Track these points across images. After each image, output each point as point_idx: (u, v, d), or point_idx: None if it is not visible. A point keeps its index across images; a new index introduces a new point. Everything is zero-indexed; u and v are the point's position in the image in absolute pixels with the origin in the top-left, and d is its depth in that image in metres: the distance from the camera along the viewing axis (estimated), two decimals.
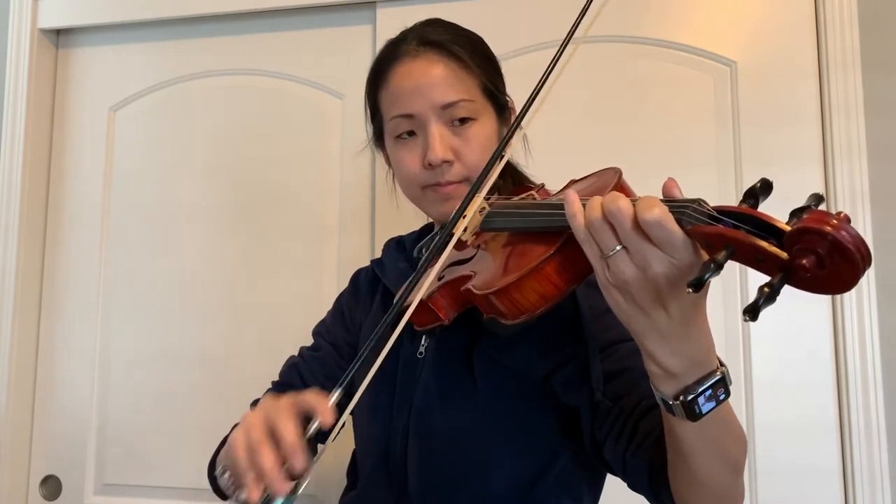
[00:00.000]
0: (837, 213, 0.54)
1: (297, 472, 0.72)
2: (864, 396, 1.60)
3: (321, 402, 0.74)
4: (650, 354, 0.71)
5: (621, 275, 0.67)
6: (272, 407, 0.76)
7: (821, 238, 0.54)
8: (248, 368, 1.92)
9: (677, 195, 0.69)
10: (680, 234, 0.63)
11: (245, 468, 0.73)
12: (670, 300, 0.66)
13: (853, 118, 1.65)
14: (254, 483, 0.71)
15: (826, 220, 0.54)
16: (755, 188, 0.63)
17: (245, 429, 0.75)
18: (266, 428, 0.74)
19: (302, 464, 0.71)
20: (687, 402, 0.70)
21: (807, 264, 0.54)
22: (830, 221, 0.54)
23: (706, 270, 0.57)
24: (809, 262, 0.54)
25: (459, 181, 1.05)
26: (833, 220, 0.54)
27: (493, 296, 0.81)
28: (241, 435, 0.75)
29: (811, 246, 0.54)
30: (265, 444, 0.72)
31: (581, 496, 1.05)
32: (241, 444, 0.74)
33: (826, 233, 0.53)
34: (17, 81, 2.07)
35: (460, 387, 1.02)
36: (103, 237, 2.07)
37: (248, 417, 0.77)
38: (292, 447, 0.71)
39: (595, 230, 0.68)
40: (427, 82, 1.05)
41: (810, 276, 0.55)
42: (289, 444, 0.71)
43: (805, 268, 0.54)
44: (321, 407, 0.73)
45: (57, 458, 2.03)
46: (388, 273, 1.21)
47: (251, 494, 0.72)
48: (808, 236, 0.54)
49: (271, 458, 0.71)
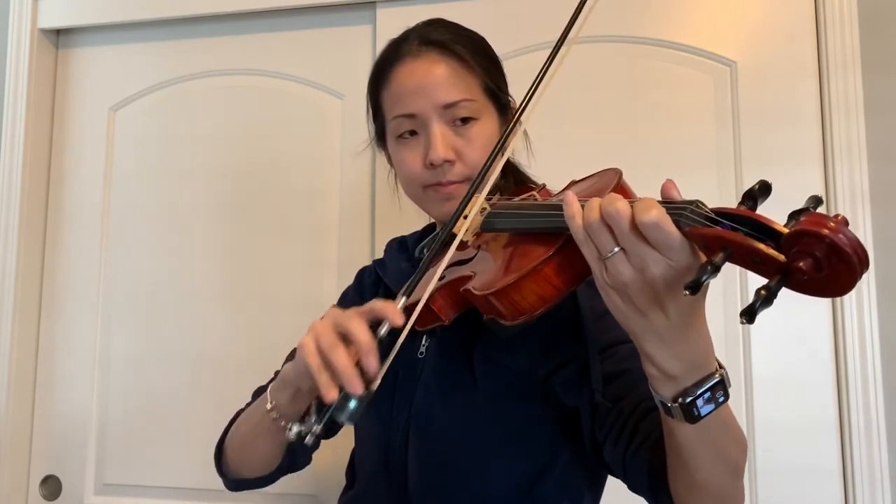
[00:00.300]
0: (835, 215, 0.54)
1: (370, 372, 0.74)
2: (864, 396, 1.60)
3: (389, 306, 0.77)
4: (648, 356, 0.71)
5: (619, 276, 0.67)
6: (339, 314, 0.79)
7: (818, 241, 0.53)
8: (248, 368, 1.91)
9: (676, 196, 0.69)
10: (677, 236, 0.63)
11: (318, 370, 0.75)
12: (668, 302, 0.66)
13: (853, 118, 1.65)
14: (329, 383, 0.74)
15: (824, 222, 0.54)
16: (754, 190, 0.63)
17: (314, 334, 0.78)
18: (336, 332, 0.77)
19: (375, 364, 0.73)
20: (685, 404, 0.70)
21: (804, 267, 0.54)
22: (828, 224, 0.53)
23: (703, 272, 0.57)
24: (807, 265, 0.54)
25: (461, 181, 1.05)
26: (831, 222, 0.54)
27: (492, 297, 0.81)
28: (310, 340, 0.78)
29: (808, 249, 0.54)
30: (338, 345, 0.75)
31: (581, 497, 1.05)
32: (311, 348, 0.77)
33: (823, 236, 0.53)
34: (17, 81, 2.07)
35: (460, 387, 1.02)
36: (103, 237, 2.07)
37: (315, 325, 0.80)
38: (366, 347, 0.74)
39: (593, 231, 0.68)
40: (429, 82, 1.05)
41: (807, 279, 0.55)
42: (363, 344, 0.74)
43: (802, 271, 0.54)
44: (390, 309, 0.76)
45: (57, 458, 2.03)
46: (389, 273, 1.22)
47: (328, 393, 0.74)
48: (805, 239, 0.54)
49: (346, 356, 0.74)
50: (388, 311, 0.77)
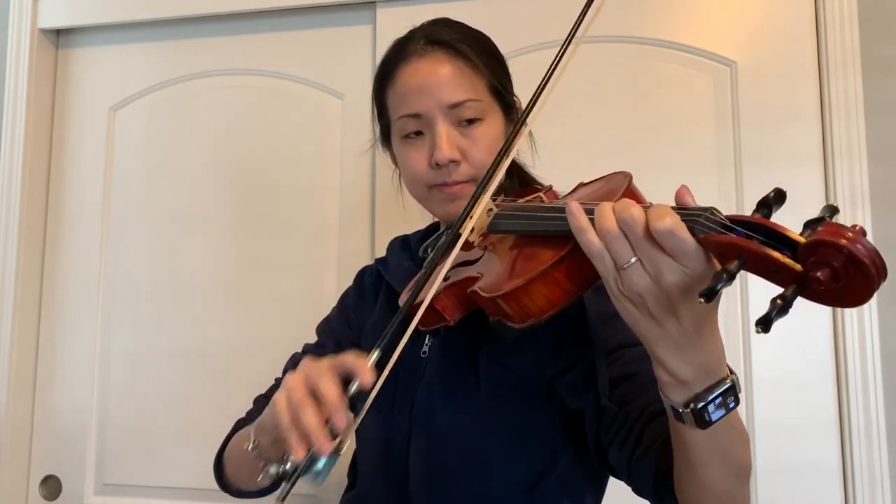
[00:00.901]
0: (853, 226, 0.54)
1: (339, 430, 0.73)
2: (864, 396, 1.60)
3: (360, 363, 0.76)
4: (661, 362, 0.71)
5: (635, 286, 0.66)
6: (312, 368, 0.78)
7: (836, 251, 0.53)
8: (249, 368, 1.92)
9: (690, 203, 0.68)
10: (692, 243, 0.62)
11: (288, 427, 0.74)
12: (682, 309, 0.66)
13: (853, 118, 1.66)
14: (298, 442, 0.73)
15: (842, 233, 0.53)
16: (769, 198, 0.62)
17: (287, 390, 0.77)
18: (307, 388, 0.76)
19: (344, 422, 0.73)
20: (697, 409, 0.70)
21: (821, 277, 0.54)
22: (846, 234, 0.53)
23: (718, 280, 0.57)
24: (824, 276, 0.54)
25: (466, 181, 1.05)
26: (849, 233, 0.53)
27: (500, 299, 0.80)
28: (282, 397, 0.77)
29: (826, 259, 0.54)
30: (308, 404, 0.74)
31: (582, 497, 1.05)
32: (283, 405, 0.76)
33: (842, 246, 0.53)
34: (17, 81, 2.07)
35: (463, 387, 1.02)
36: (103, 237, 2.06)
37: (288, 380, 0.79)
38: (335, 405, 0.73)
39: (610, 242, 0.67)
40: (434, 82, 1.04)
41: (824, 290, 0.54)
42: (332, 403, 0.73)
43: (820, 281, 0.54)
44: (361, 367, 0.76)
45: (57, 458, 2.03)
46: (392, 271, 1.21)
47: (297, 453, 0.73)
48: (823, 249, 0.54)
49: (315, 416, 0.73)
50: (358, 369, 0.76)
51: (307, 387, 0.76)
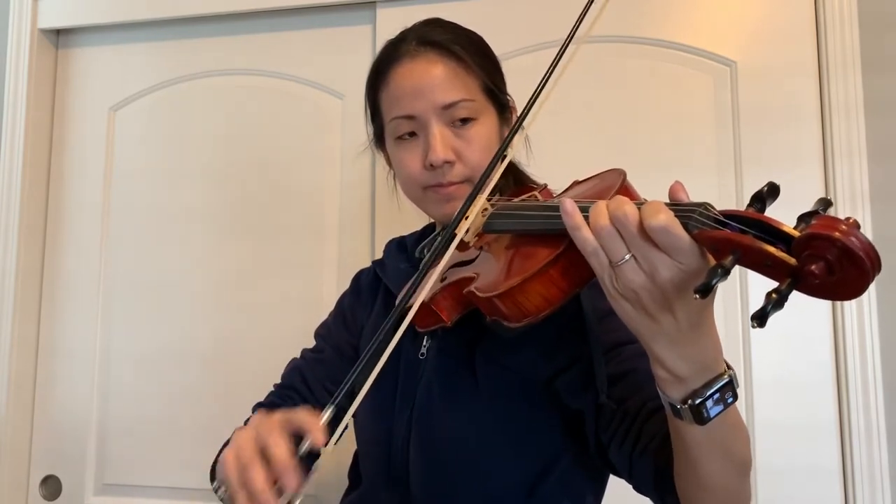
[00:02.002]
0: (846, 218, 0.54)
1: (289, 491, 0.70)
2: (864, 396, 1.60)
3: (313, 422, 0.72)
4: (658, 359, 0.71)
5: (630, 283, 0.66)
6: (262, 424, 0.75)
7: (830, 244, 0.53)
8: (248, 368, 1.92)
9: (683, 199, 0.68)
10: (686, 239, 0.62)
11: (236, 488, 0.72)
12: (678, 305, 0.66)
13: (853, 118, 1.65)
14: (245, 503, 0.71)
15: (836, 225, 0.53)
16: (762, 192, 0.62)
17: (235, 448, 0.74)
18: (257, 447, 0.73)
19: (293, 483, 0.69)
20: (695, 405, 0.70)
21: (816, 270, 0.54)
22: (840, 227, 0.53)
23: (713, 276, 0.57)
24: (819, 269, 0.54)
25: (461, 182, 1.05)
26: (843, 225, 0.53)
27: (496, 298, 0.80)
28: (231, 455, 0.74)
29: (820, 252, 0.54)
30: (255, 464, 0.71)
31: (583, 497, 1.05)
32: (231, 463, 0.73)
33: (836, 239, 0.53)
34: (17, 81, 2.07)
35: (462, 388, 1.02)
36: (103, 237, 2.06)
37: (238, 436, 0.76)
38: (283, 466, 0.70)
39: (604, 239, 0.67)
40: (428, 83, 1.04)
41: (819, 283, 0.54)
42: (280, 463, 0.70)
43: (814, 274, 0.54)
44: (312, 427, 0.72)
45: (57, 458, 2.03)
46: (389, 273, 1.21)
47: None
48: (817, 242, 0.54)
49: (261, 477, 0.70)
50: (310, 427, 0.72)
51: (257, 445, 0.73)
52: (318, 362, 1.22)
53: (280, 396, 1.20)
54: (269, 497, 0.69)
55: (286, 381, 1.23)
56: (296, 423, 0.74)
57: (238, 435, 0.76)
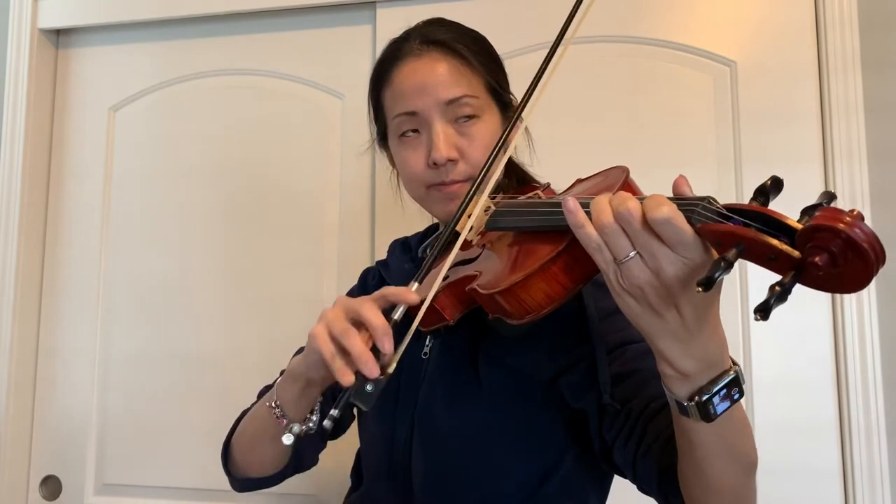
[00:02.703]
0: (850, 210, 0.54)
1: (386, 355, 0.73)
2: (864, 396, 1.60)
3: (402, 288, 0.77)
4: (663, 356, 0.70)
5: (635, 280, 0.66)
6: (349, 301, 0.78)
7: (834, 235, 0.53)
8: (249, 368, 1.92)
9: (687, 193, 0.68)
10: (689, 232, 0.62)
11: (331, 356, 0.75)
12: (683, 301, 0.65)
13: (853, 118, 1.66)
14: (344, 368, 0.74)
15: (840, 217, 0.53)
16: (765, 186, 0.62)
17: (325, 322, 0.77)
18: (348, 318, 0.76)
19: (391, 346, 0.73)
20: (702, 402, 0.69)
21: (820, 262, 0.53)
22: (844, 219, 0.53)
23: (716, 269, 0.56)
24: (822, 261, 0.53)
25: (464, 180, 1.05)
26: (847, 217, 0.53)
27: (498, 295, 0.80)
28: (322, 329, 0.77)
29: (824, 244, 0.53)
30: (352, 330, 0.75)
31: (587, 498, 1.04)
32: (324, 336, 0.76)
33: (839, 230, 0.52)
34: (17, 81, 2.07)
35: (465, 388, 1.01)
36: (103, 237, 2.06)
37: (326, 313, 0.79)
38: (383, 328, 0.73)
39: (608, 236, 0.66)
40: (431, 80, 1.04)
41: (823, 275, 0.54)
42: (380, 326, 0.73)
43: (818, 266, 0.53)
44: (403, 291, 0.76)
45: (57, 458, 2.03)
46: (392, 274, 1.21)
47: (345, 377, 0.73)
48: (821, 234, 0.54)
49: (360, 341, 0.73)
50: (401, 293, 0.77)
51: (348, 317, 0.76)
52: None
53: None
54: (371, 358, 0.72)
55: None
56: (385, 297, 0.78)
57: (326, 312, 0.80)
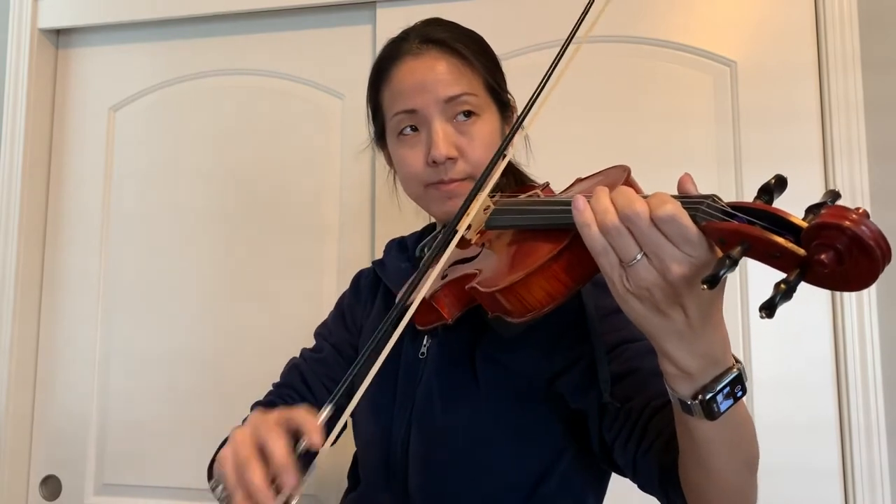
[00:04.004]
0: (856, 208, 0.54)
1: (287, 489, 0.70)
2: (864, 396, 1.60)
3: (310, 421, 0.71)
4: (668, 355, 0.70)
5: (641, 282, 0.65)
6: (261, 422, 0.74)
7: (840, 233, 0.53)
8: (248, 368, 1.92)
9: (692, 191, 0.68)
10: (694, 230, 0.62)
11: (234, 486, 0.71)
12: (688, 300, 0.65)
13: (853, 118, 1.65)
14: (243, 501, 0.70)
15: (845, 214, 0.53)
16: (770, 184, 0.62)
17: (233, 446, 0.73)
18: (254, 444, 0.72)
19: (292, 481, 0.69)
20: (705, 401, 0.69)
21: (825, 260, 0.53)
22: (850, 216, 0.53)
23: (721, 266, 0.56)
24: (828, 258, 0.53)
25: (463, 179, 1.05)
26: (853, 214, 0.53)
27: (499, 293, 0.80)
28: (229, 452, 0.73)
29: (830, 241, 0.53)
30: (254, 461, 0.70)
31: (584, 497, 1.04)
32: (229, 461, 0.73)
33: (845, 228, 0.52)
34: (17, 81, 2.07)
35: (462, 388, 1.01)
36: (103, 237, 2.06)
37: (236, 434, 0.75)
38: (281, 465, 0.69)
39: (614, 238, 0.66)
40: (431, 78, 1.04)
41: (829, 273, 0.54)
42: (278, 462, 0.69)
43: (823, 263, 0.53)
44: (310, 426, 0.71)
45: (57, 458, 2.03)
46: (389, 273, 1.21)
47: None
48: (826, 231, 0.54)
49: (260, 475, 0.69)
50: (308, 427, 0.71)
51: (254, 443, 0.72)
52: (318, 361, 1.22)
53: (279, 395, 1.19)
54: (268, 495, 0.69)
55: (285, 380, 1.22)
56: (294, 422, 0.73)
57: (236, 433, 0.75)
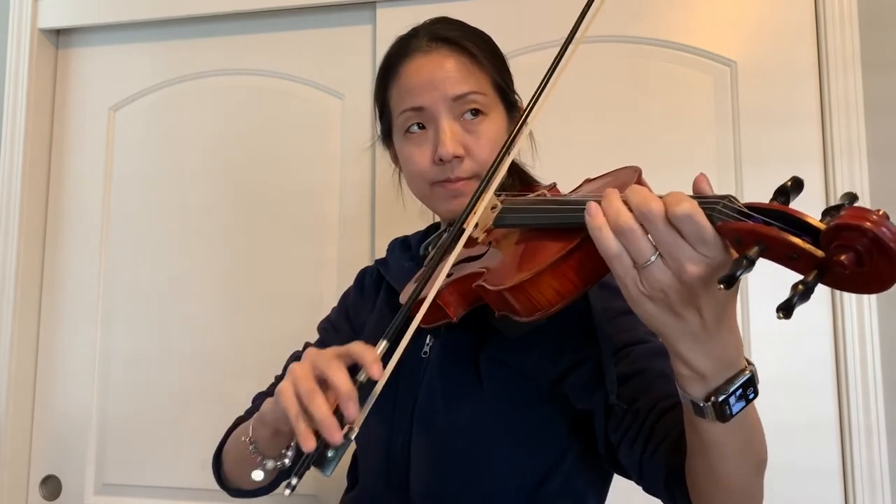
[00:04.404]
0: (876, 210, 0.53)
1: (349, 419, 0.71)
2: (864, 396, 1.60)
3: (369, 353, 0.74)
4: (681, 357, 0.69)
5: (656, 283, 0.65)
6: (318, 356, 0.76)
7: (861, 235, 0.52)
8: (248, 369, 1.91)
9: (707, 191, 0.67)
10: (710, 230, 0.61)
11: (297, 417, 0.73)
12: (703, 301, 0.65)
13: (853, 118, 1.66)
14: (306, 432, 0.72)
15: (866, 216, 0.53)
16: (786, 186, 0.62)
17: (293, 379, 0.75)
18: (315, 377, 0.74)
19: (355, 411, 0.71)
20: (718, 403, 0.69)
21: (845, 261, 0.53)
22: (871, 217, 0.52)
23: (738, 266, 0.56)
24: (848, 260, 0.53)
25: (469, 177, 1.04)
26: (873, 216, 0.53)
27: (507, 292, 0.79)
28: (288, 386, 0.75)
29: (850, 243, 0.53)
30: (317, 392, 0.73)
31: (586, 498, 1.04)
32: (289, 395, 0.74)
33: (866, 229, 0.52)
34: (17, 81, 2.07)
35: (465, 388, 1.01)
36: (103, 237, 2.06)
37: (294, 368, 0.77)
38: (346, 393, 0.71)
39: (628, 239, 0.65)
40: (440, 76, 1.04)
41: (848, 274, 0.54)
42: (342, 391, 0.71)
43: (843, 265, 0.53)
44: (369, 357, 0.73)
45: (57, 458, 2.03)
46: (392, 271, 1.21)
47: (306, 442, 0.71)
48: (846, 233, 0.53)
49: (325, 404, 0.71)
50: (366, 359, 0.73)
51: (315, 375, 0.75)
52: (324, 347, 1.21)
53: None
54: (334, 423, 0.70)
55: None
56: (352, 355, 0.75)
57: (293, 367, 0.78)
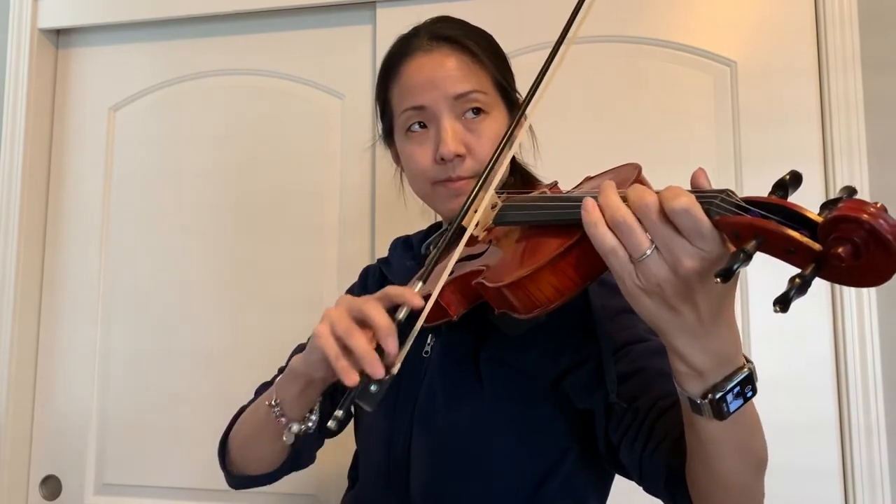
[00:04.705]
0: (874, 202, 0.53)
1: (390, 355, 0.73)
2: (864, 396, 1.60)
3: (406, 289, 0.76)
4: (678, 353, 0.69)
5: (653, 277, 0.64)
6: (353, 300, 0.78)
7: (858, 226, 0.52)
8: (248, 368, 1.91)
9: (705, 185, 0.67)
10: (707, 224, 0.61)
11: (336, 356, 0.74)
12: (700, 296, 0.64)
13: (853, 118, 1.66)
14: (348, 368, 0.73)
15: (864, 208, 0.52)
16: (784, 180, 0.61)
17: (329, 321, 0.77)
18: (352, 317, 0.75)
19: (396, 346, 0.72)
20: (715, 400, 0.68)
21: (843, 254, 0.52)
22: (868, 210, 0.52)
23: (735, 260, 0.56)
24: (846, 252, 0.53)
25: (470, 176, 1.04)
26: (871, 208, 0.52)
27: (506, 289, 0.79)
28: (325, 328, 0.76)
29: (847, 235, 0.53)
30: (356, 329, 0.74)
31: (587, 498, 1.04)
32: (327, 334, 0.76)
33: (864, 221, 0.52)
34: (17, 81, 2.07)
35: (465, 387, 1.01)
36: (103, 237, 2.06)
37: (329, 312, 0.78)
38: (386, 328, 0.72)
39: (624, 233, 0.65)
40: (441, 75, 1.04)
41: (845, 266, 0.53)
42: (382, 326, 0.73)
43: (840, 258, 0.53)
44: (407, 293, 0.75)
45: (57, 458, 2.03)
46: (394, 271, 1.21)
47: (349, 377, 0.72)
48: (844, 225, 0.53)
49: (365, 340, 0.72)
50: (406, 295, 0.76)
51: (351, 316, 0.76)
52: None
53: None
54: (376, 358, 0.71)
55: None
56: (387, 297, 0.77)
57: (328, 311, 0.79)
